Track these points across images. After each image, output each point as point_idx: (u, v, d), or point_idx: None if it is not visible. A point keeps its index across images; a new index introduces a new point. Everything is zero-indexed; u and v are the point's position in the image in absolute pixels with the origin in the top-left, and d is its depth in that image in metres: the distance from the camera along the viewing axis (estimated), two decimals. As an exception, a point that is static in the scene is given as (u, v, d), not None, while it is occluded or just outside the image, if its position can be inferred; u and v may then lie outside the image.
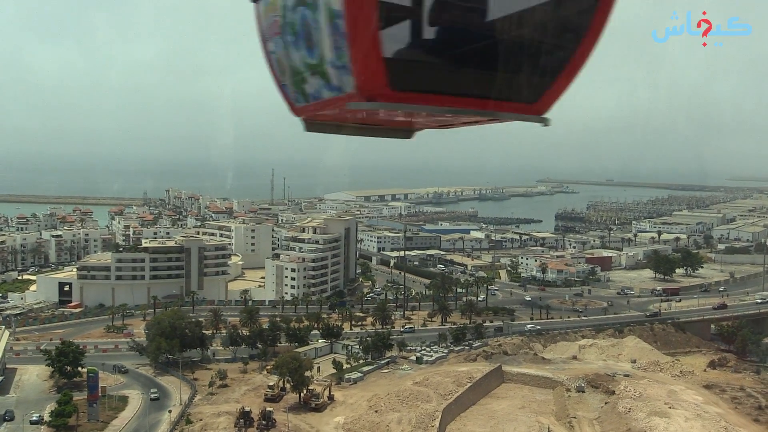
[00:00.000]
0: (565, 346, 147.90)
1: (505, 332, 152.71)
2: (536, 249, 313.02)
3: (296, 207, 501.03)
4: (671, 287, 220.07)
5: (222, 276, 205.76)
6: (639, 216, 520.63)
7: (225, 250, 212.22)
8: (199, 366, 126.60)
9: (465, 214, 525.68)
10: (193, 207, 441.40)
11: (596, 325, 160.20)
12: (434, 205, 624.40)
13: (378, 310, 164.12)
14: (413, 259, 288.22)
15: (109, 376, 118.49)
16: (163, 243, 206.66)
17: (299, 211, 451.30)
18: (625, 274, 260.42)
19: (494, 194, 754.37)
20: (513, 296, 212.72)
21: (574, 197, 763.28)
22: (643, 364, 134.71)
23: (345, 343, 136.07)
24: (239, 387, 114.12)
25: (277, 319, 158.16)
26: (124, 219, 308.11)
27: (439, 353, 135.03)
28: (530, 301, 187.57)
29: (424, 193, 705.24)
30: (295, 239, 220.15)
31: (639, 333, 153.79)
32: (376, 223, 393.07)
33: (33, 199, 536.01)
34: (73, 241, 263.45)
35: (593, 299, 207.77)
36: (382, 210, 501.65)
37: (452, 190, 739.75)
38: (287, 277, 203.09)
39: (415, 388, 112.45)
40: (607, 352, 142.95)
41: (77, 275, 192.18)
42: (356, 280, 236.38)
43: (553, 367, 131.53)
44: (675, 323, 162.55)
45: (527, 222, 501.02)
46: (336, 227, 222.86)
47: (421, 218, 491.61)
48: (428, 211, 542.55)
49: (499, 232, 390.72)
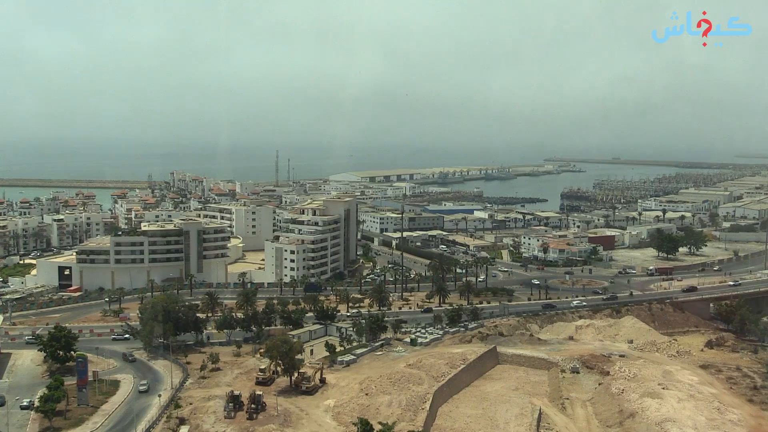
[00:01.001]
0: (562, 326, 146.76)
1: (501, 313, 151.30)
2: (540, 229, 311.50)
3: (301, 188, 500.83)
4: (664, 266, 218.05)
5: (222, 259, 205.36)
6: (645, 194, 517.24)
7: (224, 232, 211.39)
8: (193, 349, 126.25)
9: (470, 194, 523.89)
10: (197, 189, 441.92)
11: (593, 306, 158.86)
12: (440, 185, 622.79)
13: (375, 291, 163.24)
14: (415, 239, 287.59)
15: (104, 360, 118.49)
16: (162, 226, 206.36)
17: (304, 192, 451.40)
18: (628, 253, 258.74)
19: (500, 173, 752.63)
20: (513, 276, 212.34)
21: (580, 176, 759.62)
22: (640, 344, 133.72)
23: (339, 325, 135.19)
24: (232, 370, 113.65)
25: (275, 302, 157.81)
26: (126, 202, 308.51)
27: (434, 335, 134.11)
28: (537, 283, 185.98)
29: (429, 173, 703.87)
30: (294, 221, 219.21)
31: (637, 313, 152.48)
32: (380, 203, 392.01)
33: (39, 183, 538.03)
34: (74, 225, 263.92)
35: (594, 278, 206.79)
36: (386, 191, 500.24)
37: (458, 170, 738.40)
38: (287, 260, 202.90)
39: (407, 370, 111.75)
40: (604, 333, 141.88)
41: (76, 259, 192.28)
42: (357, 262, 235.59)
43: (548, 348, 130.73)
44: (673, 303, 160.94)
45: (532, 201, 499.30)
46: (336, 209, 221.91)
47: (425, 199, 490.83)
48: (433, 192, 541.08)
49: (503, 211, 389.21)
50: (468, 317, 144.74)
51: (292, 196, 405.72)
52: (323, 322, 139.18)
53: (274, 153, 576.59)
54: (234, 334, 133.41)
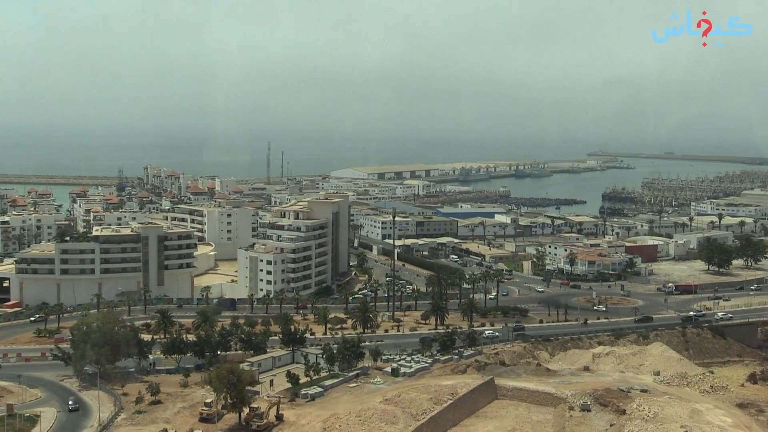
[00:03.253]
0: (577, 354, 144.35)
1: (504, 337, 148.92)
2: (570, 236, 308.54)
3: (296, 186, 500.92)
4: (685, 284, 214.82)
5: (187, 269, 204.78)
6: (701, 195, 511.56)
7: (190, 238, 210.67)
8: (135, 378, 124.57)
9: (494, 194, 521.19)
10: (173, 187, 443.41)
11: (615, 330, 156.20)
12: (460, 183, 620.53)
13: (358, 310, 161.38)
14: (421, 248, 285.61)
15: (25, 390, 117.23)
16: (117, 231, 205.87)
17: (298, 191, 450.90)
18: (673, 266, 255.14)
19: (533, 170, 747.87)
20: (531, 293, 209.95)
21: (628, 174, 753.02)
22: (668, 377, 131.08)
23: (308, 351, 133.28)
24: (174, 404, 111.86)
25: (240, 321, 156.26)
26: (86, 202, 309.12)
27: (421, 364, 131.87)
28: (550, 297, 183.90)
29: (449, 169, 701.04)
30: (273, 226, 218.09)
31: (668, 339, 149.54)
32: (384, 204, 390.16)
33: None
34: (22, 228, 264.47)
35: (626, 296, 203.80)
36: (395, 190, 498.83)
37: (483, 165, 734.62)
38: (262, 271, 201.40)
39: (382, 406, 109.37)
40: (626, 362, 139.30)
41: (16, 269, 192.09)
42: (348, 274, 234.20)
43: (558, 381, 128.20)
44: (712, 327, 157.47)
45: (568, 203, 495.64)
46: (323, 211, 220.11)
47: (441, 199, 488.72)
48: (451, 191, 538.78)
49: (531, 215, 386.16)
50: (464, 342, 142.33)
51: (284, 196, 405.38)
52: (292, 348, 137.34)
53: (268, 144, 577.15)
54: (184, 360, 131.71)
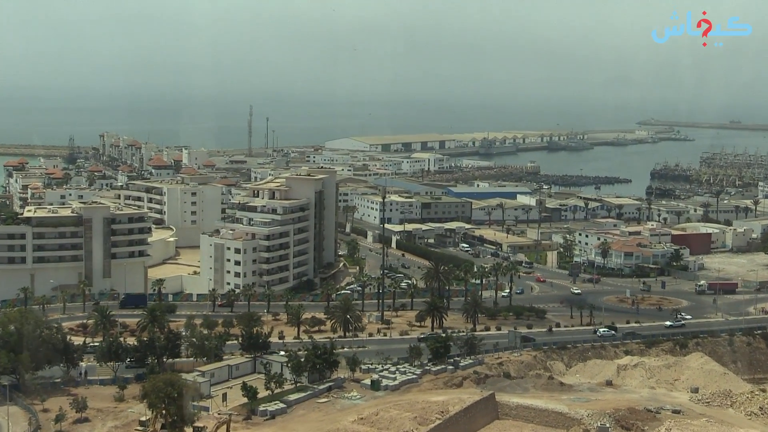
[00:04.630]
0: (599, 366, 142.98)
1: (510, 344, 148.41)
2: (607, 222, 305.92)
3: (282, 160, 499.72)
4: (723, 282, 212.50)
5: (140, 258, 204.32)
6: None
7: (143, 221, 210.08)
8: (61, 390, 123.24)
9: (520, 171, 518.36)
10: (134, 158, 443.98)
11: (646, 337, 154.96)
12: (481, 157, 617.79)
13: (339, 310, 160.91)
14: (427, 234, 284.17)
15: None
16: (54, 212, 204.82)
17: (285, 165, 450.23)
18: (729, 259, 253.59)
19: (570, 141, 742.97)
20: (554, 289, 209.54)
21: (686, 146, 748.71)
22: (707, 395, 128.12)
23: (272, 359, 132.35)
24: (104, 422, 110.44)
25: (195, 322, 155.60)
26: (23, 176, 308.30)
27: (407, 375, 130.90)
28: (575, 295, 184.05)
29: (468, 140, 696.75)
30: (243, 207, 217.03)
31: (711, 348, 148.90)
32: (385, 183, 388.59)
33: None
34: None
35: (668, 295, 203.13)
36: (401, 164, 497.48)
37: (509, 135, 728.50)
38: (230, 261, 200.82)
39: (354, 427, 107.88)
40: (658, 376, 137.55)
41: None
42: (335, 266, 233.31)
43: (573, 397, 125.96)
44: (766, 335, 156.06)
45: (609, 182, 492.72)
46: (304, 190, 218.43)
47: (456, 176, 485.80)
48: (468, 166, 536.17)
49: (562, 196, 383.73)
50: (462, 350, 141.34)
51: (266, 171, 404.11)
52: (254, 355, 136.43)
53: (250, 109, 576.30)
54: (123, 368, 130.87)
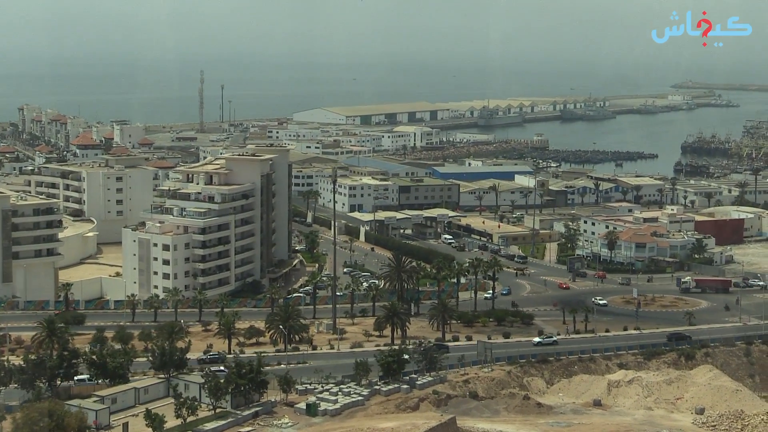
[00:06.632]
0: (586, 382, 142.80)
1: (480, 357, 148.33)
2: (621, 206, 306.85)
3: (240, 135, 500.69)
4: (713, 279, 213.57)
5: (49, 258, 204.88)
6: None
7: (52, 213, 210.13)
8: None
9: (524, 145, 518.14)
10: (58, 136, 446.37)
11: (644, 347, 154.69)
12: (480, 129, 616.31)
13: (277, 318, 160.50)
14: (403, 224, 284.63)
15: None
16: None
17: (243, 141, 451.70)
18: (765, 250, 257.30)
19: (588, 109, 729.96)
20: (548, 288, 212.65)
21: (728, 114, 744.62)
22: (715, 417, 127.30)
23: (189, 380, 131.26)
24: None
25: (106, 335, 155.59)
26: None
27: (352, 397, 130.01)
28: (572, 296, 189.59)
29: (465, 109, 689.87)
30: (174, 194, 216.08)
31: (723, 359, 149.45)
32: (357, 163, 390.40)
33: None
34: None
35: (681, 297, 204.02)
36: (381, 139, 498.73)
37: (514, 103, 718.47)
38: (158, 260, 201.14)
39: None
40: (657, 394, 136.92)
41: None
42: (289, 263, 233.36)
43: (551, 421, 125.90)
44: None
45: (632, 158, 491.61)
46: (248, 172, 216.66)
47: (447, 152, 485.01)
48: (463, 141, 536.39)
49: (571, 175, 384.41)
50: (421, 365, 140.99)
51: (218, 150, 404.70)
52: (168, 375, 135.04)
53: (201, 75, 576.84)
54: (8, 393, 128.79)
